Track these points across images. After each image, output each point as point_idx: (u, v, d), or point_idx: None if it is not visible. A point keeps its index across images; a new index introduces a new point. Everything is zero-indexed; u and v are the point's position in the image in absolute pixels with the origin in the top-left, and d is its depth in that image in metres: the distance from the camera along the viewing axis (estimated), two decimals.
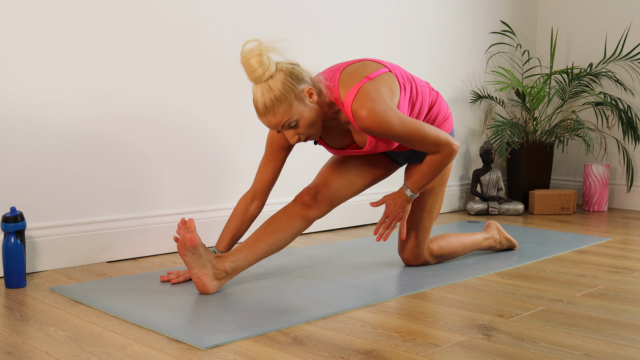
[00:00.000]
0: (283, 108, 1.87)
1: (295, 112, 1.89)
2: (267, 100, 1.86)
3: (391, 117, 1.91)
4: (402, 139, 1.96)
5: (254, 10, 2.85)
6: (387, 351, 1.54)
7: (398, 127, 1.93)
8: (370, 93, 1.92)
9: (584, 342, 1.60)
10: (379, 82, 1.97)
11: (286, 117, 1.88)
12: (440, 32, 3.73)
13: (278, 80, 1.86)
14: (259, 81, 1.86)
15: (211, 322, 1.73)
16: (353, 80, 1.95)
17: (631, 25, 3.96)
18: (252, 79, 1.87)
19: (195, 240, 1.92)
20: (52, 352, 1.52)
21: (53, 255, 2.35)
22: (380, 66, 2.03)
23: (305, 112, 1.91)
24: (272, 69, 1.86)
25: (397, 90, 2.01)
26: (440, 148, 2.02)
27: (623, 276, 2.29)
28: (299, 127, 1.92)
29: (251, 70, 1.85)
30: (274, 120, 1.89)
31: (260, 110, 1.88)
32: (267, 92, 1.86)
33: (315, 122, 1.94)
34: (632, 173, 3.93)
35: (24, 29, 2.23)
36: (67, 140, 2.36)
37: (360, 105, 1.91)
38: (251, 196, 2.18)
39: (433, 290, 2.09)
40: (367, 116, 1.90)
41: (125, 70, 2.48)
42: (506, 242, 2.64)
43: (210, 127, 2.75)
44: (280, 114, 1.88)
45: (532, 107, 3.89)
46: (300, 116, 1.90)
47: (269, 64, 1.85)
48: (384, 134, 1.93)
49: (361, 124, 1.92)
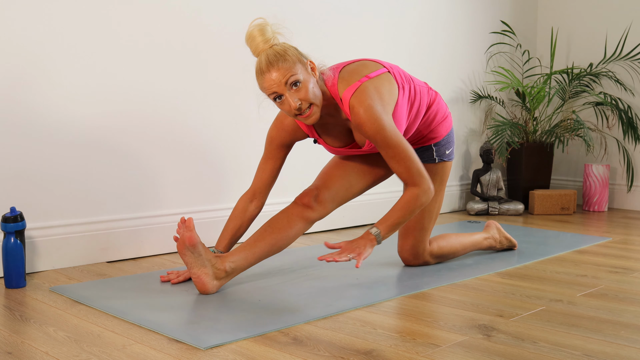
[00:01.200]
0: (287, 64, 1.86)
1: (298, 71, 1.87)
2: (271, 56, 1.86)
3: (385, 120, 1.92)
4: (387, 146, 1.93)
5: (254, 10, 2.85)
6: (387, 351, 1.54)
7: (389, 132, 1.92)
8: (369, 91, 1.93)
9: (584, 342, 1.60)
10: (378, 82, 1.97)
11: (289, 73, 1.86)
12: (440, 32, 3.73)
13: (282, 45, 1.89)
14: (262, 49, 1.87)
15: (211, 322, 1.73)
16: (353, 78, 1.96)
17: (631, 25, 3.96)
18: (255, 48, 1.87)
19: (194, 239, 1.92)
20: (52, 352, 1.52)
21: (53, 255, 2.35)
22: (379, 66, 2.04)
23: (308, 78, 1.90)
24: (276, 40, 1.89)
25: (395, 91, 2.02)
26: (421, 180, 1.96)
27: (623, 276, 2.29)
28: (301, 89, 1.88)
29: (254, 39, 1.86)
30: (276, 75, 1.85)
31: (263, 67, 1.86)
32: (272, 52, 1.86)
33: (316, 93, 1.91)
34: (632, 173, 3.93)
35: (23, 29, 2.23)
36: (67, 140, 2.36)
37: (359, 101, 1.92)
38: (250, 196, 2.18)
39: (433, 290, 2.09)
40: (363, 113, 1.90)
41: (125, 71, 2.48)
42: (506, 242, 2.64)
43: (211, 127, 2.75)
44: (284, 68, 1.85)
45: (532, 107, 3.89)
46: (304, 78, 1.88)
47: (273, 35, 1.88)
48: (373, 134, 1.92)
49: (356, 119, 1.92)
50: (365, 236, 1.95)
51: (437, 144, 2.27)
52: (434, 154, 2.27)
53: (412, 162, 1.95)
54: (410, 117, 2.13)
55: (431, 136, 2.25)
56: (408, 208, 1.96)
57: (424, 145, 2.27)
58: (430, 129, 2.24)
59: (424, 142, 2.27)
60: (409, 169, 1.95)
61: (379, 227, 1.96)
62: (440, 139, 2.26)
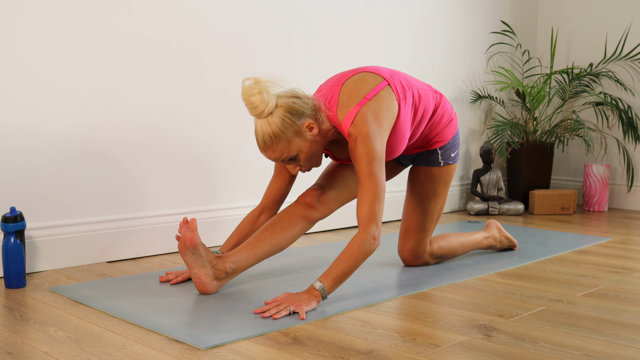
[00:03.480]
0: (282, 144, 1.90)
1: (294, 147, 1.92)
2: (266, 136, 1.89)
3: (377, 152, 1.90)
4: (368, 177, 1.88)
5: (254, 11, 2.85)
6: (387, 351, 1.54)
7: (375, 167, 1.89)
8: (366, 118, 1.92)
9: (584, 342, 1.60)
10: (376, 104, 1.95)
11: (285, 152, 1.92)
12: (440, 32, 3.73)
13: (277, 117, 1.88)
14: (260, 117, 1.90)
15: (211, 322, 1.73)
16: (351, 102, 1.95)
17: (631, 25, 3.96)
18: (253, 115, 1.91)
19: (195, 240, 1.92)
20: (52, 352, 1.52)
21: (53, 255, 2.35)
22: (378, 79, 2.01)
23: (305, 147, 1.94)
24: (272, 105, 1.88)
25: (395, 107, 2.00)
26: (372, 225, 1.86)
27: (623, 276, 2.29)
28: (299, 160, 1.96)
29: (252, 107, 1.88)
30: (273, 155, 1.93)
31: (260, 145, 1.93)
32: (267, 128, 1.89)
33: (315, 154, 1.98)
34: (632, 173, 3.93)
35: (20, 34, 2.23)
36: (67, 140, 2.36)
37: (355, 129, 1.92)
38: (259, 211, 2.20)
39: (433, 290, 2.09)
40: (359, 142, 1.90)
41: (125, 71, 2.48)
42: (506, 242, 2.64)
43: (210, 127, 2.75)
44: (279, 150, 1.91)
45: (532, 107, 3.89)
46: (300, 150, 1.94)
47: (268, 101, 1.87)
48: (360, 162, 1.90)
49: (350, 146, 1.94)
50: (310, 291, 1.85)
51: (443, 147, 2.26)
52: (439, 158, 2.27)
53: (379, 204, 1.88)
54: (415, 122, 2.12)
55: (437, 140, 2.24)
56: (352, 258, 1.85)
57: (430, 149, 2.26)
58: (436, 132, 2.23)
59: (429, 146, 2.26)
60: (372, 207, 1.87)
61: (323, 281, 1.85)
62: (446, 142, 2.26)
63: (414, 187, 2.32)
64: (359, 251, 1.85)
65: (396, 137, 2.04)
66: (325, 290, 1.85)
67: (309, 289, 1.86)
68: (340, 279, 1.86)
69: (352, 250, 1.85)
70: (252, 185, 2.90)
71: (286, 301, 1.81)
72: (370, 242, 1.86)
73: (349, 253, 1.86)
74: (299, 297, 1.83)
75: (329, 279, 1.85)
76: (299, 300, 1.82)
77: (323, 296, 1.85)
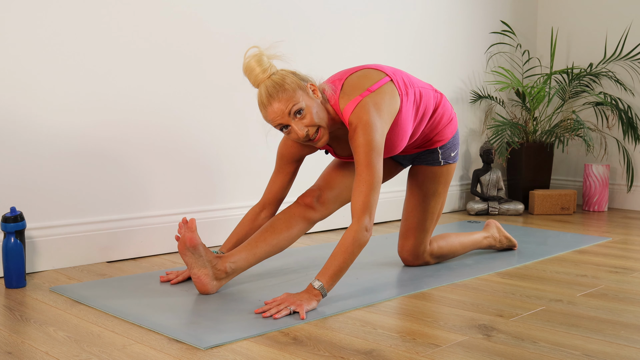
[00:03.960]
0: (287, 94, 1.86)
1: (299, 98, 1.87)
2: (270, 88, 1.86)
3: (376, 142, 1.89)
4: (365, 167, 1.87)
5: (254, 11, 2.85)
6: (387, 351, 1.54)
7: (374, 157, 1.88)
8: (368, 108, 1.92)
9: (584, 342, 1.60)
10: (378, 97, 1.96)
11: (291, 102, 1.86)
12: (440, 32, 3.73)
13: (280, 74, 1.89)
14: (261, 80, 1.87)
15: (211, 322, 1.73)
16: (354, 93, 1.95)
17: (631, 25, 3.96)
18: (254, 79, 1.88)
19: (195, 240, 1.92)
20: (52, 352, 1.52)
21: (53, 255, 2.35)
22: (381, 75, 2.02)
23: (311, 103, 1.90)
24: (274, 69, 1.89)
25: (397, 101, 2.00)
26: (365, 216, 1.85)
27: (623, 276, 2.29)
28: (306, 116, 1.89)
29: (252, 71, 1.86)
30: (278, 107, 1.86)
31: (264, 100, 1.87)
32: (270, 83, 1.86)
33: (321, 116, 1.92)
34: (632, 173, 3.93)
35: (22, 32, 2.23)
36: (66, 140, 2.36)
37: (357, 117, 1.91)
38: (260, 207, 2.19)
39: (433, 290, 2.09)
40: (359, 130, 1.90)
41: (124, 72, 2.48)
42: (506, 241, 2.64)
43: (210, 127, 2.75)
44: (285, 99, 1.86)
45: (532, 107, 3.89)
46: (306, 104, 1.89)
47: (269, 64, 1.87)
48: (359, 152, 1.89)
49: (350, 134, 1.93)
50: (309, 290, 1.84)
51: (443, 146, 2.26)
52: (440, 157, 2.27)
53: (374, 194, 1.88)
54: (417, 120, 2.12)
55: (437, 139, 2.25)
56: (347, 252, 1.84)
57: (430, 148, 2.26)
58: (437, 131, 2.23)
59: (430, 145, 2.26)
60: (367, 198, 1.86)
61: (321, 279, 1.84)
62: (447, 141, 2.26)
63: (414, 186, 2.32)
64: (353, 244, 1.85)
65: (398, 133, 2.04)
66: (324, 288, 1.85)
67: (308, 288, 1.86)
68: (337, 275, 1.86)
69: (347, 245, 1.85)
70: (252, 185, 2.90)
71: (286, 301, 1.81)
72: (364, 234, 1.86)
73: (343, 247, 1.85)
74: (299, 297, 1.83)
75: (327, 277, 1.85)
76: (299, 300, 1.81)
77: (323, 294, 1.85)
